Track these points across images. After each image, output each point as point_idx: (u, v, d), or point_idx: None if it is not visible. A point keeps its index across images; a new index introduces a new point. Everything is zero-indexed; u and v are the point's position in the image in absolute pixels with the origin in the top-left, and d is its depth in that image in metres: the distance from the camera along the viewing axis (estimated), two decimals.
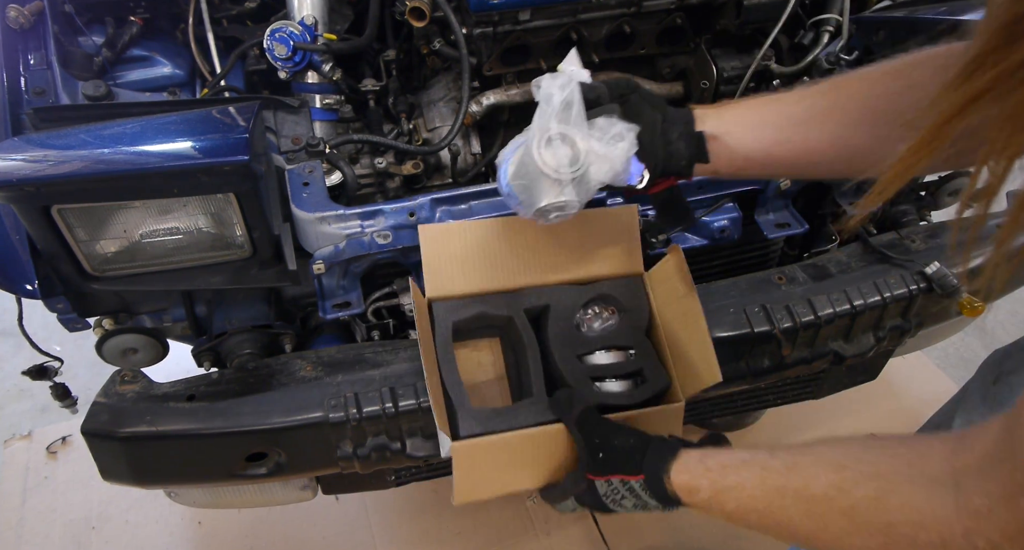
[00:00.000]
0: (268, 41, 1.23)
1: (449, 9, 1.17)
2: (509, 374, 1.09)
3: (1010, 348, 1.05)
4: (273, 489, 1.24)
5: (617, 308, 1.06)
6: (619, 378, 1.01)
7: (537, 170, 0.83)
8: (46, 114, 1.09)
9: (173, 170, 0.91)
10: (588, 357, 1.03)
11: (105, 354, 1.16)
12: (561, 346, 1.01)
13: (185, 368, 1.14)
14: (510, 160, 0.90)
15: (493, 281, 1.03)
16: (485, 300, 1.02)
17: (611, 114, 0.86)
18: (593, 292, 1.05)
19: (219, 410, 1.04)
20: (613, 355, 1.03)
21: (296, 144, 1.19)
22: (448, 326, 0.99)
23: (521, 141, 0.89)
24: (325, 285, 1.13)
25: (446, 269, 1.01)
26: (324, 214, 1.08)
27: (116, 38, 1.28)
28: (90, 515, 1.93)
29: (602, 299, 1.06)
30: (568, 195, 0.85)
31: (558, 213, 0.87)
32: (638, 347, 1.03)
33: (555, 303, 1.03)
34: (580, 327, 1.05)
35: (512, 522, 1.88)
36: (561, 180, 0.84)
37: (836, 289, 1.18)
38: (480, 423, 0.93)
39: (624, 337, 1.04)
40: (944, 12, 1.19)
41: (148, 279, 1.06)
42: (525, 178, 0.86)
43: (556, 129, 0.83)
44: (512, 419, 0.94)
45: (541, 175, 0.84)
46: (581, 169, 0.83)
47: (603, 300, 1.06)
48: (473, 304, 1.01)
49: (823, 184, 1.29)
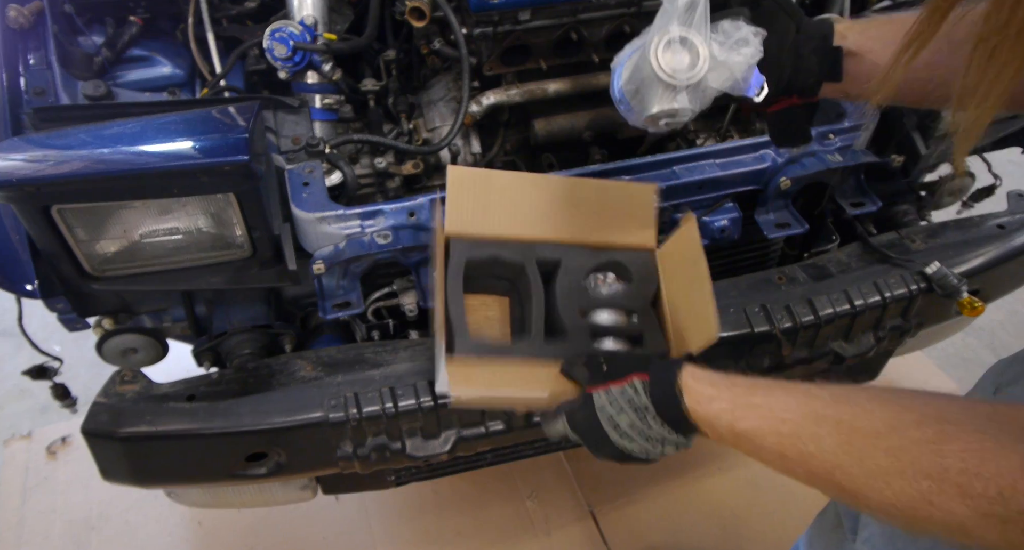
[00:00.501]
0: (268, 41, 1.23)
1: (449, 9, 1.17)
2: (514, 330, 1.11)
3: (1010, 359, 1.04)
4: (273, 489, 1.24)
5: (626, 277, 1.07)
6: (618, 338, 1.01)
7: (652, 74, 0.79)
8: (46, 114, 1.09)
9: (173, 170, 0.91)
10: (591, 314, 1.03)
11: (105, 354, 1.16)
12: (566, 299, 1.02)
13: (185, 368, 1.14)
14: (624, 64, 0.86)
15: (511, 229, 1.04)
16: (501, 245, 1.04)
17: (738, 17, 0.80)
18: (605, 257, 1.07)
19: (219, 410, 1.04)
20: (616, 316, 1.03)
21: (296, 144, 1.19)
22: (461, 263, 1.01)
23: (638, 44, 0.84)
24: (325, 285, 1.13)
25: (468, 210, 1.03)
26: (324, 214, 1.08)
27: (116, 38, 1.28)
28: (90, 515, 1.93)
29: (612, 266, 1.07)
30: (681, 102, 0.81)
31: (669, 120, 0.83)
32: (642, 314, 1.04)
33: (567, 260, 1.05)
34: (588, 287, 1.06)
35: (512, 522, 1.88)
36: (676, 86, 0.80)
37: (836, 289, 1.18)
38: (475, 350, 0.95)
39: (630, 302, 1.05)
40: None
41: (148, 279, 1.06)
42: (638, 82, 0.83)
43: (676, 31, 0.78)
44: (507, 352, 0.97)
45: (655, 79, 0.80)
46: (698, 75, 0.79)
47: (613, 267, 1.07)
48: (489, 246, 1.03)
49: (823, 184, 1.29)
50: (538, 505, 1.90)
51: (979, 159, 1.53)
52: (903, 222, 1.39)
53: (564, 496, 1.93)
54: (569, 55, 1.30)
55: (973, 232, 1.31)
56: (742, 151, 1.23)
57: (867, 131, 1.28)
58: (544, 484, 1.96)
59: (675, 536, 1.84)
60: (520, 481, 1.96)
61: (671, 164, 1.20)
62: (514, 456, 1.35)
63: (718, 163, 1.22)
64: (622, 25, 1.26)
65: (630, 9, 1.24)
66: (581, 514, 1.89)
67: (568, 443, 0.91)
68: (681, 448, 0.78)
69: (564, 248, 1.06)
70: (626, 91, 0.86)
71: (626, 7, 1.24)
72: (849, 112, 1.29)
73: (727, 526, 1.82)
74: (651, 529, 1.85)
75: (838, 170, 1.24)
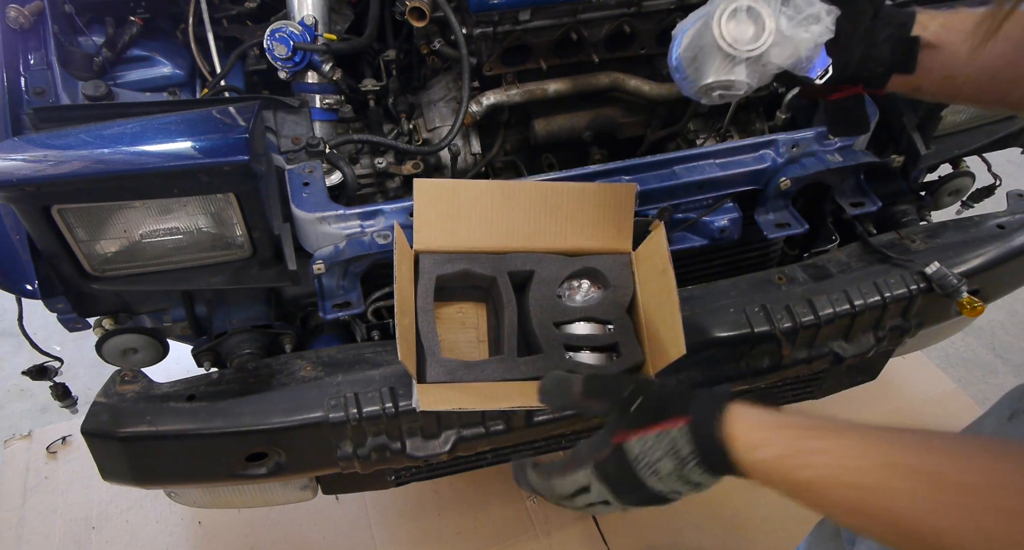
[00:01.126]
0: (268, 41, 1.23)
1: (449, 9, 1.17)
2: (490, 337, 1.10)
3: None
4: (273, 489, 1.24)
5: (601, 283, 1.06)
6: (594, 350, 1.01)
7: (712, 42, 0.76)
8: (46, 114, 1.09)
9: (173, 170, 0.91)
10: (566, 326, 1.03)
11: (105, 354, 1.16)
12: (540, 312, 1.02)
13: (185, 368, 1.14)
14: (687, 31, 0.82)
15: (482, 241, 1.03)
16: (472, 259, 1.03)
17: None
18: (579, 264, 1.06)
19: (219, 410, 1.04)
20: (591, 327, 1.03)
21: (296, 144, 1.19)
22: (432, 279, 1.00)
23: (704, 12, 0.80)
24: (325, 285, 1.13)
25: (436, 224, 1.02)
26: (324, 214, 1.08)
27: (116, 38, 1.28)
28: (90, 515, 1.93)
29: (587, 273, 1.06)
30: (739, 74, 0.77)
31: (723, 91, 0.80)
32: (617, 322, 1.03)
33: (540, 270, 1.04)
34: (562, 297, 1.05)
35: (512, 522, 1.88)
36: (736, 56, 0.76)
37: (836, 289, 1.18)
38: (448, 372, 0.94)
39: (604, 311, 1.04)
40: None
41: (148, 279, 1.06)
42: (696, 50, 0.79)
43: (746, 0, 0.76)
44: (480, 372, 0.96)
45: (716, 48, 0.76)
46: (760, 48, 0.75)
47: (588, 274, 1.06)
48: (459, 260, 1.02)
49: (823, 184, 1.29)
50: (538, 505, 1.90)
51: (979, 159, 1.53)
52: (903, 222, 1.39)
53: None
54: (569, 55, 1.30)
55: (973, 232, 1.30)
56: (742, 151, 1.23)
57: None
58: None
59: (675, 536, 1.84)
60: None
61: (671, 164, 1.20)
62: (514, 456, 1.35)
63: (718, 163, 1.22)
64: (622, 25, 1.26)
65: (630, 9, 1.24)
66: (581, 514, 1.89)
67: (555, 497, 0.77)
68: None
69: (537, 257, 1.05)
70: (683, 58, 0.82)
71: (626, 7, 1.24)
72: None
73: (727, 527, 1.82)
74: (651, 529, 1.85)
75: (838, 170, 1.24)
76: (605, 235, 1.07)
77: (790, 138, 1.23)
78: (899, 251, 1.25)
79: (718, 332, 1.12)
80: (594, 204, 1.06)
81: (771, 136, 1.23)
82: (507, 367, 0.97)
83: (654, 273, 1.01)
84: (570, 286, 1.06)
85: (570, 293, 1.06)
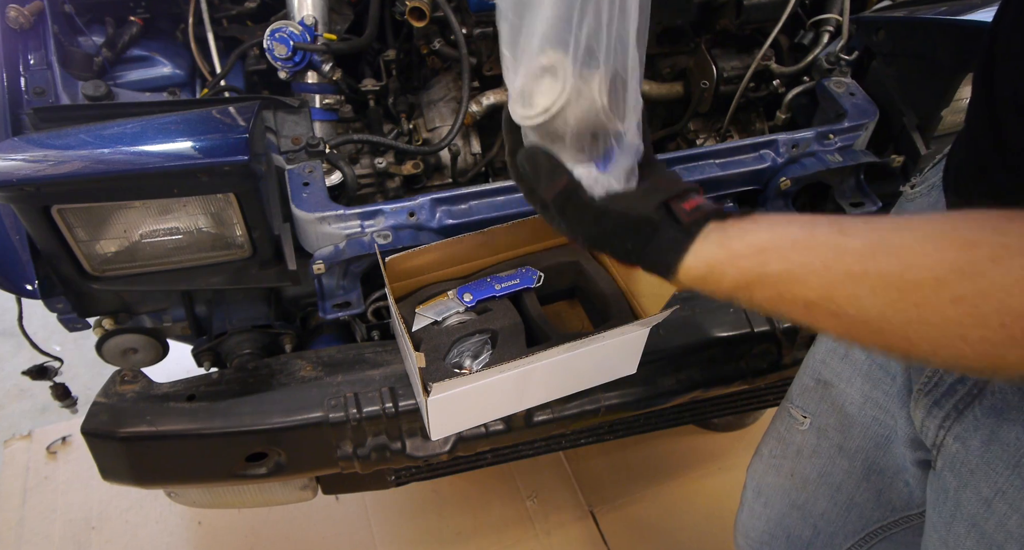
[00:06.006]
0: (268, 41, 1.23)
1: (449, 9, 1.17)
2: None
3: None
4: (273, 489, 1.24)
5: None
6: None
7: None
8: (46, 114, 1.09)
9: (173, 170, 0.91)
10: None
11: (105, 354, 1.16)
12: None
13: (185, 368, 1.14)
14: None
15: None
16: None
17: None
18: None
19: (219, 410, 1.04)
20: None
21: (296, 144, 1.19)
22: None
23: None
24: (325, 285, 1.13)
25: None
26: (324, 214, 1.08)
27: (116, 38, 1.28)
28: (90, 515, 1.93)
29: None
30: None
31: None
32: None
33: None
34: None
35: (512, 522, 1.88)
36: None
37: None
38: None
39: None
40: (944, 12, 1.19)
41: (148, 279, 1.06)
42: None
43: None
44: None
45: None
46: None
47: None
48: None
49: (823, 184, 1.29)
50: (538, 505, 1.90)
51: None
52: None
53: (564, 496, 1.94)
54: None
55: None
56: (742, 151, 1.23)
57: (867, 131, 1.28)
58: (544, 484, 1.96)
59: (675, 536, 1.84)
60: (520, 481, 1.97)
61: (671, 164, 1.20)
62: (514, 456, 1.35)
63: (718, 163, 1.22)
64: None
65: None
66: (581, 514, 1.89)
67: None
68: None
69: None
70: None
71: None
72: (849, 112, 1.29)
73: (727, 526, 1.82)
74: (651, 529, 1.85)
75: (838, 170, 1.24)
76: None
77: (790, 138, 1.23)
78: None
79: (718, 332, 1.12)
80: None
81: (771, 136, 1.24)
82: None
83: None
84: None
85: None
